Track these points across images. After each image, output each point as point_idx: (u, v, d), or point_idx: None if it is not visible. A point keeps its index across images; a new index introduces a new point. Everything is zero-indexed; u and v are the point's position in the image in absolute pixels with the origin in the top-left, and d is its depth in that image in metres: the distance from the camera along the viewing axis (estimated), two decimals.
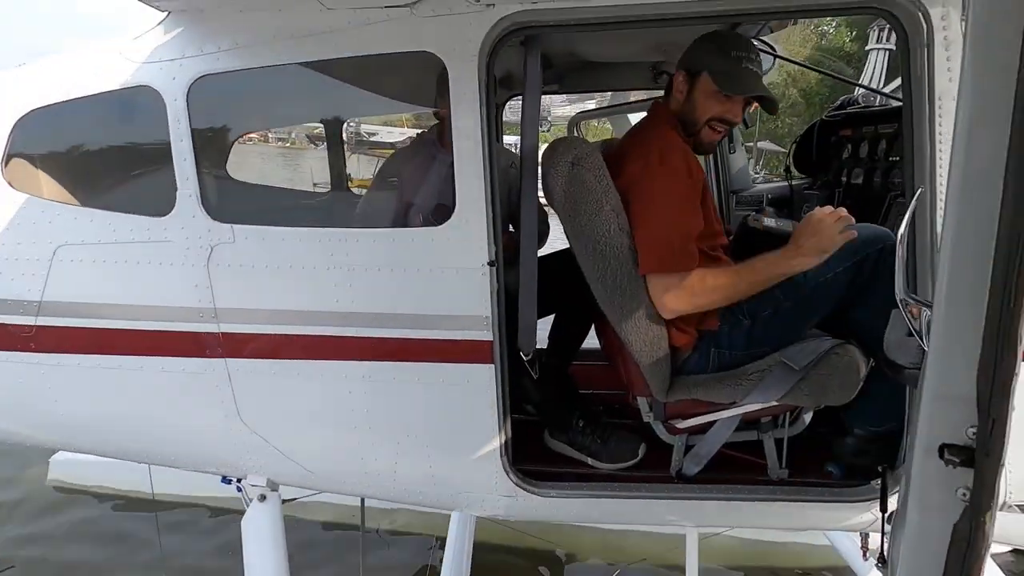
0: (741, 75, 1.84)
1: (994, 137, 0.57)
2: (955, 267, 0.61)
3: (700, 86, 1.88)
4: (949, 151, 1.63)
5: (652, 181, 1.80)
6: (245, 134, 2.09)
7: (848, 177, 2.83)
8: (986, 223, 0.58)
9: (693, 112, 1.91)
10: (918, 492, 0.67)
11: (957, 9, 1.66)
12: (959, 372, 0.62)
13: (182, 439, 2.16)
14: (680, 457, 2.15)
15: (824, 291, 1.88)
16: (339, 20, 1.74)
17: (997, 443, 0.59)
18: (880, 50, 5.96)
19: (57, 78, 2.07)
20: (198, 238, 1.90)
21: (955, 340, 0.62)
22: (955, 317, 0.62)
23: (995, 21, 0.56)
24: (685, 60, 1.94)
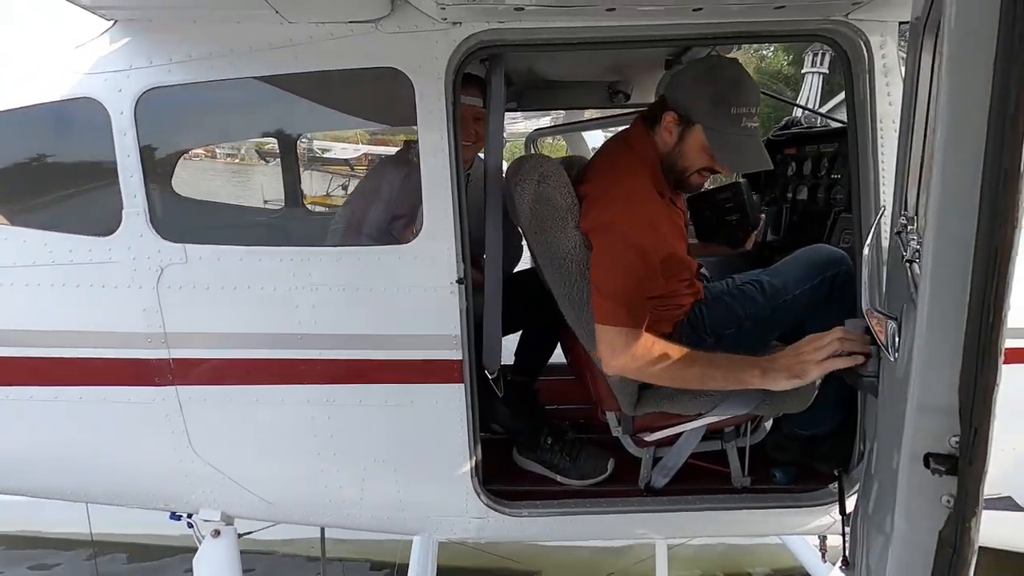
0: (739, 143, 1.71)
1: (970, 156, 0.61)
2: (936, 284, 0.65)
3: (693, 138, 1.73)
4: (892, 170, 1.77)
5: (617, 235, 1.70)
6: (199, 146, 1.99)
7: (794, 193, 2.97)
8: (964, 240, 0.62)
9: (682, 160, 1.79)
10: (904, 500, 0.69)
11: (894, 38, 1.79)
12: (942, 384, 0.65)
13: (127, 474, 2.02)
14: (648, 470, 2.17)
15: (784, 310, 1.94)
16: (301, 34, 1.69)
17: (980, 451, 0.62)
18: (815, 73, 6.39)
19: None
20: (146, 259, 1.79)
21: (937, 353, 0.66)
22: (937, 331, 0.65)
23: (968, 41, 0.60)
24: (677, 99, 1.76)
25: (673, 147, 1.79)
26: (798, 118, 3.13)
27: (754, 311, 1.94)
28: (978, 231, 0.60)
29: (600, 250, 1.75)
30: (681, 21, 1.71)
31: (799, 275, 1.94)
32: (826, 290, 1.92)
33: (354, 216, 2.14)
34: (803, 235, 2.97)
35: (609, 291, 1.70)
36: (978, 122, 0.60)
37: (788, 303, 1.94)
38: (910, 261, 1.18)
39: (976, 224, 0.61)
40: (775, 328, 2.00)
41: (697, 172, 1.83)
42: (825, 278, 1.92)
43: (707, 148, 1.74)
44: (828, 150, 2.79)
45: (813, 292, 1.92)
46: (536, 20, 1.69)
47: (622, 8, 1.61)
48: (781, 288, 1.95)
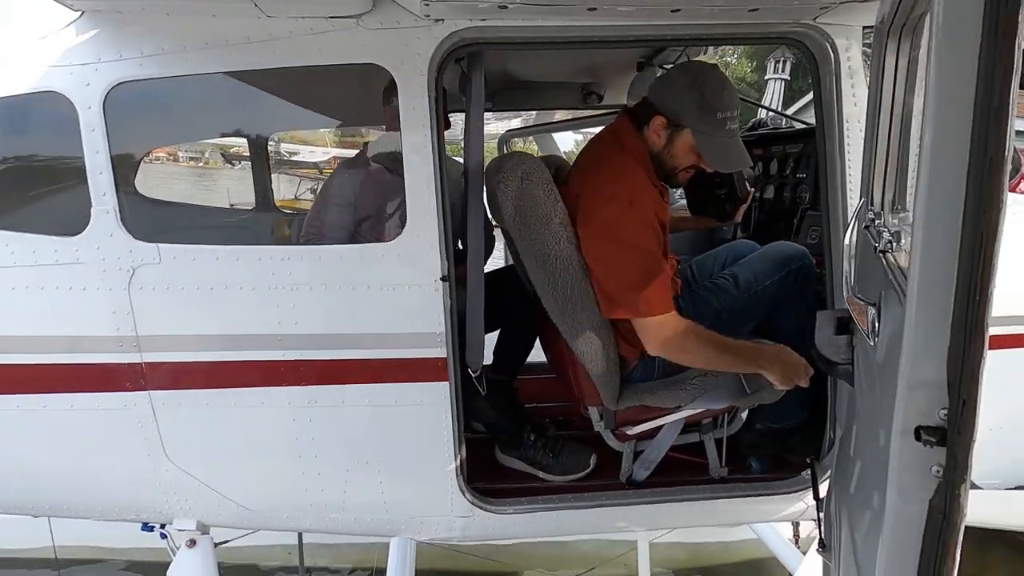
0: (725, 144, 1.85)
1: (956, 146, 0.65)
2: (925, 266, 0.69)
3: (681, 139, 1.85)
4: (858, 168, 1.86)
5: (634, 229, 1.80)
6: (171, 147, 1.92)
7: (761, 192, 3.08)
8: (952, 224, 0.66)
9: (671, 160, 1.91)
10: (896, 474, 0.73)
11: (859, 42, 1.87)
12: (931, 361, 0.69)
13: (95, 485, 1.93)
14: (629, 464, 2.21)
15: (756, 302, 2.06)
16: (280, 28, 1.66)
17: (968, 422, 0.66)
18: (777, 79, 6.64)
19: None
20: (117, 259, 1.72)
21: (926, 331, 0.70)
22: (925, 310, 0.69)
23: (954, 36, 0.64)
24: (666, 103, 1.86)
25: (662, 148, 1.90)
26: (764, 120, 3.24)
27: (729, 302, 2.03)
28: (965, 215, 0.65)
29: (620, 246, 1.81)
30: (659, 22, 1.76)
31: (766, 269, 2.08)
32: (791, 282, 2.06)
33: (320, 222, 2.10)
34: (771, 232, 3.08)
35: (645, 283, 1.79)
36: (964, 114, 0.64)
37: (759, 294, 2.06)
38: (884, 251, 1.25)
39: (963, 208, 0.65)
40: (749, 319, 2.10)
41: (684, 170, 1.95)
42: (791, 271, 2.06)
43: (695, 149, 1.87)
44: (793, 150, 2.90)
45: (781, 283, 2.06)
46: (518, 18, 1.70)
47: (603, 8, 1.64)
48: (752, 281, 2.08)
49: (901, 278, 1.02)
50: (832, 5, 1.72)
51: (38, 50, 1.70)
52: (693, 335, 1.84)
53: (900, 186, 1.48)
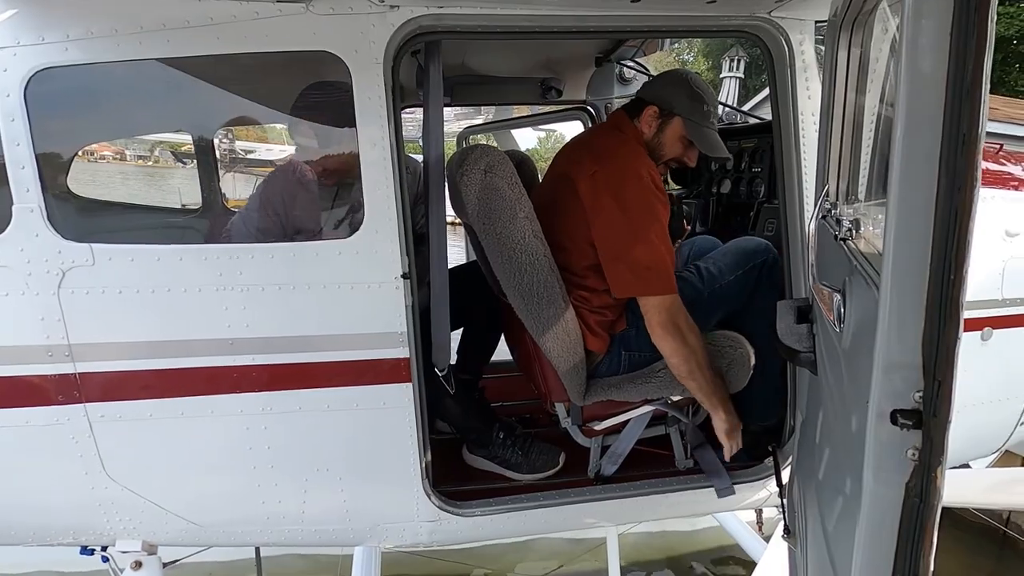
0: (710, 133, 1.99)
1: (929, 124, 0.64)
2: (899, 246, 0.68)
3: (672, 128, 1.97)
4: (813, 160, 1.89)
5: (643, 209, 1.84)
6: (107, 141, 1.78)
7: (718, 187, 3.12)
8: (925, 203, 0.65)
9: (660, 148, 2.00)
10: (872, 458, 0.73)
11: (811, 36, 1.91)
12: (905, 343, 0.68)
13: (26, 507, 1.78)
14: (597, 459, 2.20)
15: (720, 296, 2.08)
16: (222, 12, 1.56)
17: (944, 404, 0.66)
18: (731, 77, 6.81)
19: None
20: (44, 261, 1.58)
21: (900, 314, 0.69)
22: (899, 293, 0.69)
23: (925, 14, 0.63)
24: (657, 95, 1.99)
25: (652, 137, 1.98)
26: (720, 116, 3.28)
27: (694, 296, 2.03)
28: (938, 194, 0.64)
29: (631, 224, 1.83)
30: (619, 12, 1.74)
31: (731, 263, 2.11)
32: (755, 276, 2.08)
33: (246, 229, 1.98)
34: (728, 225, 3.13)
35: (664, 262, 1.82)
36: (936, 92, 0.63)
37: (723, 288, 2.08)
38: (844, 239, 1.26)
39: (936, 188, 0.64)
40: (713, 313, 2.11)
41: (667, 162, 2.02)
42: (755, 265, 2.09)
43: (683, 137, 1.96)
44: (748, 145, 2.95)
45: (745, 277, 2.08)
46: (476, 6, 1.65)
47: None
48: (716, 274, 2.10)
49: (866, 263, 1.03)
50: (785, 1, 1.74)
51: None
52: (697, 330, 1.88)
53: (853, 177, 1.51)
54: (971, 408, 2.21)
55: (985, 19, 0.58)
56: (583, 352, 1.99)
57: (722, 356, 2.04)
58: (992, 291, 2.21)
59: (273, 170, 2.06)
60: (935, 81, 0.63)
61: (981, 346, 2.20)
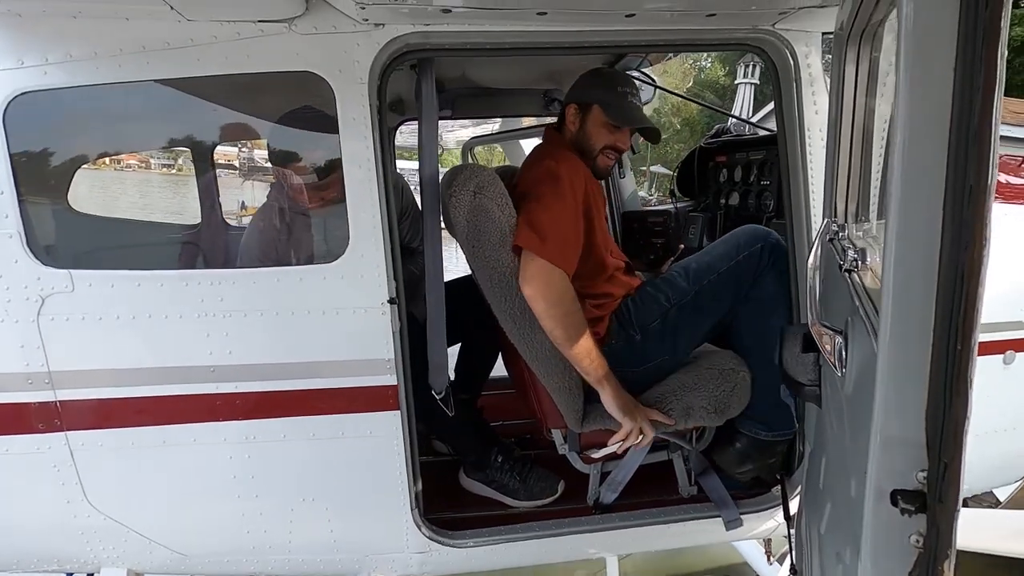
0: (628, 108, 1.96)
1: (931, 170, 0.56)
2: (898, 307, 0.59)
3: (592, 118, 1.96)
4: (821, 177, 1.80)
5: (548, 182, 1.81)
6: (84, 161, 1.76)
7: (726, 200, 3.03)
8: (927, 260, 0.57)
9: (587, 141, 1.98)
10: (870, 540, 0.64)
11: (818, 49, 1.82)
12: (907, 416, 0.60)
13: (9, 535, 1.75)
14: (596, 487, 2.12)
15: (709, 293, 1.90)
16: (203, 33, 1.52)
17: (952, 488, 0.57)
18: (747, 84, 6.68)
19: None
20: (23, 288, 1.55)
21: (899, 384, 0.60)
22: (900, 359, 0.60)
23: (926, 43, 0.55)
24: (574, 94, 2.03)
25: (577, 132, 1.98)
26: (728, 126, 3.20)
27: (677, 297, 1.90)
28: (942, 251, 0.56)
29: (528, 202, 1.79)
30: (614, 28, 1.67)
31: (722, 253, 1.93)
32: (753, 264, 1.87)
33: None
34: None
35: (536, 224, 1.74)
36: (939, 134, 0.55)
37: (713, 283, 1.90)
38: (849, 271, 1.17)
39: (940, 243, 0.56)
40: (703, 317, 1.93)
41: (602, 153, 1.97)
42: (752, 252, 1.88)
43: (606, 123, 1.94)
44: (757, 157, 2.86)
45: (739, 268, 1.87)
46: (465, 23, 1.60)
47: (554, 13, 1.55)
48: (705, 268, 1.92)
49: (868, 304, 0.94)
50: (790, 11, 1.66)
51: None
52: (571, 299, 1.74)
53: (863, 196, 1.42)
54: (993, 435, 2.09)
55: (994, 52, 0.50)
56: (579, 378, 1.91)
57: (725, 380, 1.94)
58: (1015, 312, 2.09)
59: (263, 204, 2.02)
60: (936, 124, 0.55)
61: (1003, 370, 2.08)
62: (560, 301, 1.74)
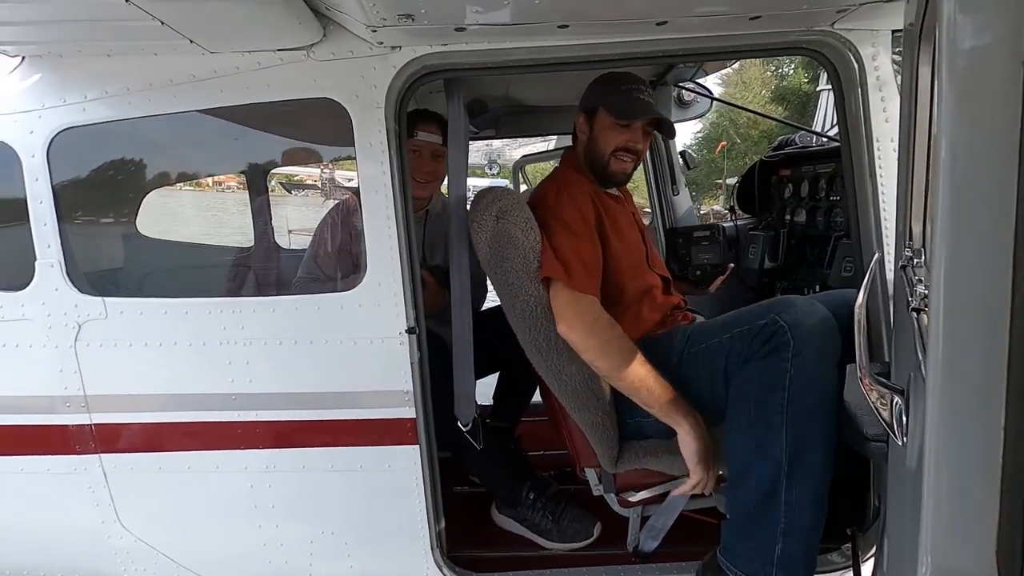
0: (633, 104, 1.83)
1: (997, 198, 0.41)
2: (954, 385, 0.42)
3: (599, 122, 1.86)
4: (893, 193, 1.58)
5: (551, 209, 1.74)
6: (120, 193, 1.84)
7: (791, 216, 2.78)
8: (991, 312, 0.40)
9: (597, 147, 1.87)
10: None
11: (887, 48, 1.60)
12: (968, 544, 0.42)
13: (49, 550, 1.82)
14: (636, 532, 1.94)
15: (691, 363, 1.66)
16: (226, 65, 1.54)
17: None
18: (829, 90, 6.19)
19: None
20: (63, 315, 1.62)
21: (958, 497, 0.43)
22: (956, 463, 0.42)
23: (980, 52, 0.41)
24: (582, 103, 1.94)
25: (588, 140, 1.87)
26: (792, 138, 2.95)
27: (663, 359, 1.65)
28: (1014, 301, 0.39)
29: (554, 224, 1.71)
30: (645, 37, 1.55)
31: (721, 323, 1.64)
32: (745, 346, 1.53)
33: (313, 266, 1.95)
34: (803, 260, 2.77)
35: (556, 253, 1.66)
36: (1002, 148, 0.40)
37: (698, 354, 1.64)
38: (917, 310, 0.97)
39: (1010, 290, 0.39)
40: (682, 387, 1.62)
41: (614, 157, 1.84)
42: (745, 331, 1.53)
43: (613, 124, 1.81)
44: (825, 170, 2.60)
45: (728, 347, 1.56)
46: (484, 41, 1.53)
47: (576, 25, 1.45)
48: (705, 334, 1.64)
49: None
50: (851, 8, 1.47)
51: None
52: (606, 325, 1.61)
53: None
54: None
55: None
56: (613, 413, 1.77)
57: None
58: None
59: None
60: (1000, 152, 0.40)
61: None
62: (594, 330, 1.62)
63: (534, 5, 1.31)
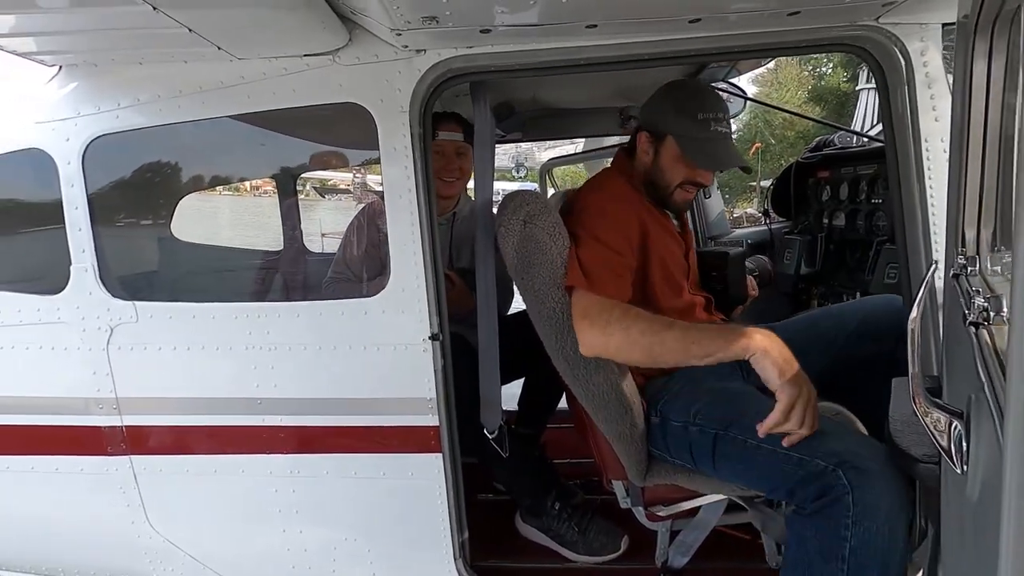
0: (711, 145, 1.65)
1: None
2: None
3: (666, 150, 1.69)
4: (942, 197, 1.48)
5: (594, 217, 1.64)
6: (151, 198, 1.87)
7: (829, 220, 2.67)
8: None
9: (662, 177, 1.71)
10: None
11: (938, 43, 1.51)
12: None
13: (82, 548, 1.86)
14: (665, 547, 1.87)
15: (727, 442, 1.51)
16: (253, 71, 1.55)
17: None
18: (870, 89, 5.91)
19: None
20: (96, 318, 1.66)
21: None
22: None
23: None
24: (647, 118, 1.75)
25: (651, 164, 1.73)
26: (831, 138, 2.83)
27: (702, 421, 1.55)
28: None
29: (574, 239, 1.62)
30: (677, 36, 1.49)
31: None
32: (808, 492, 1.34)
33: (343, 265, 1.95)
34: (842, 266, 2.65)
35: (581, 262, 1.57)
36: None
37: (733, 444, 1.47)
38: (976, 324, 0.89)
39: None
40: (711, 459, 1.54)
41: (679, 187, 1.72)
42: (810, 469, 1.33)
43: (682, 157, 1.67)
44: (866, 172, 2.49)
45: (781, 467, 1.38)
46: (510, 43, 1.50)
47: (605, 25, 1.40)
48: (747, 428, 1.43)
49: (1000, 378, 0.69)
50: (898, 1, 1.38)
51: (25, 107, 1.68)
52: (621, 316, 1.48)
53: (1003, 219, 1.12)
54: None
55: None
56: (643, 426, 1.71)
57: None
58: None
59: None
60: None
61: None
62: (608, 325, 1.49)
63: (562, 5, 1.27)
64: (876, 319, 1.76)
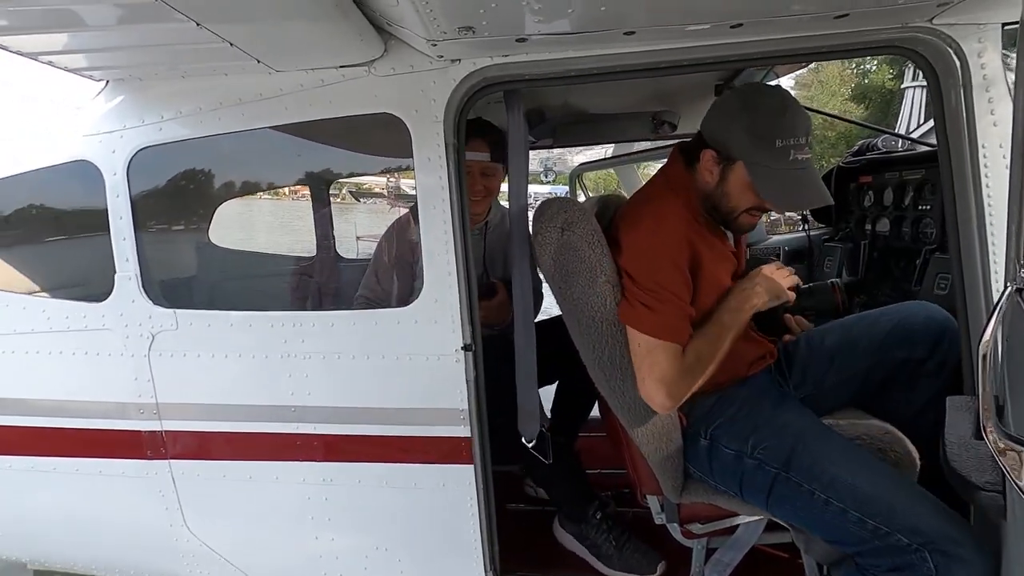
0: (791, 179, 1.46)
1: None
2: None
3: (736, 176, 1.50)
4: (1002, 206, 1.41)
5: (643, 238, 1.55)
6: (192, 208, 1.91)
7: (873, 227, 2.57)
8: None
9: (727, 202, 1.55)
10: None
11: (996, 44, 1.43)
12: None
13: (122, 548, 1.91)
14: (701, 564, 1.82)
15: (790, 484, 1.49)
16: (291, 83, 1.57)
17: None
18: (916, 87, 5.73)
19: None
20: (138, 325, 1.70)
21: None
22: None
23: None
24: (713, 134, 1.53)
25: (715, 187, 1.56)
26: (875, 142, 2.73)
27: (761, 455, 1.51)
28: None
29: (625, 263, 1.57)
30: (718, 41, 1.45)
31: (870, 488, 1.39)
32: (883, 560, 1.34)
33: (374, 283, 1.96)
34: (886, 275, 2.55)
35: (636, 294, 1.52)
36: None
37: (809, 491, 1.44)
38: None
39: None
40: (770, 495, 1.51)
41: (746, 212, 1.58)
42: (892, 537, 1.31)
43: (751, 185, 1.50)
44: (913, 177, 2.39)
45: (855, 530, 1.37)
46: (545, 51, 1.48)
47: (643, 31, 1.37)
48: (809, 466, 1.43)
49: None
50: (954, 1, 1.32)
51: (74, 120, 1.74)
52: (688, 370, 1.50)
53: None
54: None
55: None
56: (680, 441, 1.66)
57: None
58: None
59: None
60: None
61: None
62: (677, 380, 1.48)
63: (600, 12, 1.25)
64: (910, 325, 1.68)
